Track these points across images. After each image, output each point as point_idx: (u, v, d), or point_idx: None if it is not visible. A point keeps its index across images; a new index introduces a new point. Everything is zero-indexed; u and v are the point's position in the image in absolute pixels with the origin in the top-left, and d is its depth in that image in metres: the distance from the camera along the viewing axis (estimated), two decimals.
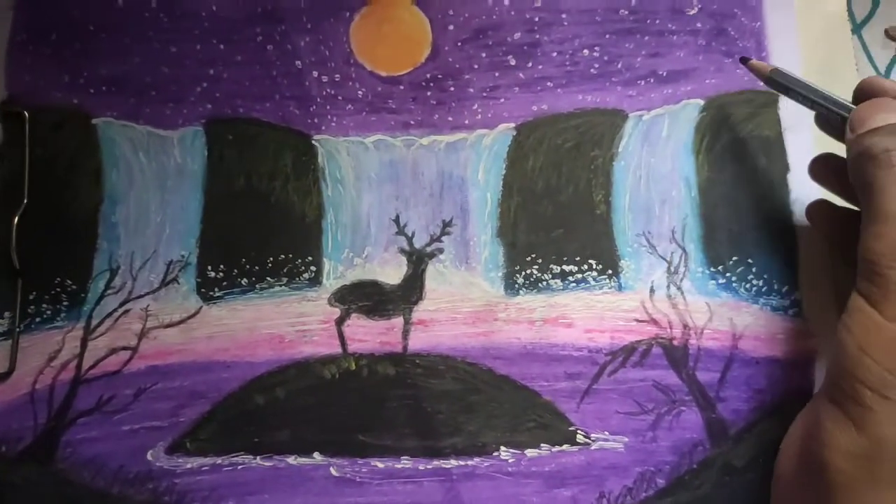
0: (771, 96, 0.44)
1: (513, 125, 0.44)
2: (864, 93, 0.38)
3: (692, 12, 0.45)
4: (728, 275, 0.43)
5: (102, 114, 0.43)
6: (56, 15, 0.44)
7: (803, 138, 0.44)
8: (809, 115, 0.43)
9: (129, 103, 0.43)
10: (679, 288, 0.42)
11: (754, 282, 0.42)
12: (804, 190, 0.43)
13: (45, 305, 0.41)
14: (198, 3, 0.44)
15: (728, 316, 0.42)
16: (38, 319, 0.41)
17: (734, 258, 0.43)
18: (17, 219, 0.42)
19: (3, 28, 0.44)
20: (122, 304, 0.41)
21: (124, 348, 0.41)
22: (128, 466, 0.40)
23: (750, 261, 0.43)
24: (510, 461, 0.41)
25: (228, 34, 0.44)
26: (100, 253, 0.42)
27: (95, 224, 0.42)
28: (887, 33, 0.46)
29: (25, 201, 0.42)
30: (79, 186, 0.42)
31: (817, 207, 0.41)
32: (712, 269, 0.43)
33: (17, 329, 0.41)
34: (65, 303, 0.41)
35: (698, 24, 0.45)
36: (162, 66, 0.44)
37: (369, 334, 0.42)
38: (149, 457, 0.40)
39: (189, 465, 0.40)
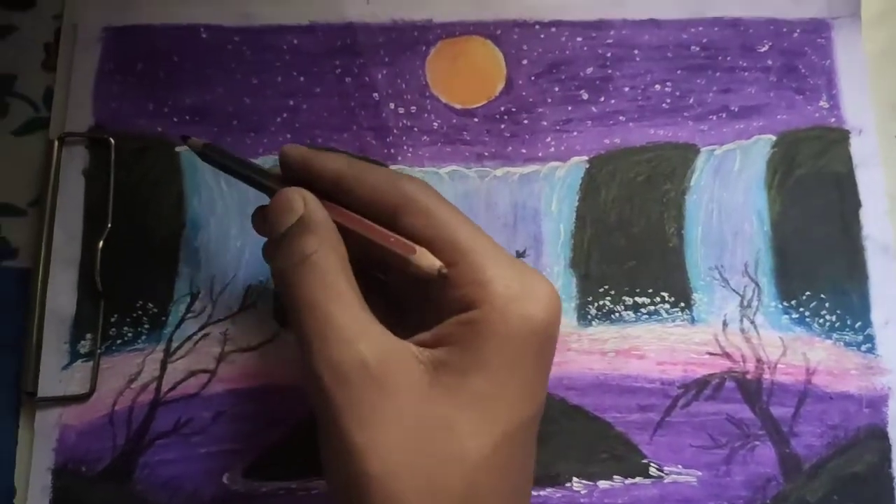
0: (842, 133, 0.45)
1: (585, 158, 0.44)
2: (284, 165, 0.35)
3: (763, 49, 0.46)
4: (801, 309, 0.43)
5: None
6: (142, 46, 0.45)
7: (874, 174, 0.44)
8: (880, 151, 0.44)
9: (211, 132, 0.44)
10: (752, 322, 0.42)
11: (827, 317, 0.42)
12: (876, 226, 0.43)
13: (126, 328, 0.42)
14: (279, 37, 0.46)
15: (801, 351, 0.42)
16: (119, 341, 0.42)
17: (807, 293, 0.43)
18: (101, 243, 0.42)
19: (92, 57, 0.45)
20: (201, 328, 0.42)
21: (203, 371, 0.42)
22: (204, 489, 0.40)
23: (823, 296, 0.43)
24: (582, 492, 0.41)
25: (308, 67, 0.45)
26: (181, 277, 0.43)
27: (177, 249, 0.43)
28: None
29: (109, 226, 0.43)
30: (161, 212, 0.43)
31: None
32: (785, 304, 0.43)
33: (99, 351, 0.41)
34: (146, 325, 0.42)
35: (769, 62, 0.46)
36: (243, 96, 0.45)
37: None
38: (225, 480, 0.41)
39: (264, 490, 0.40)
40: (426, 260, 0.31)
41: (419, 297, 0.34)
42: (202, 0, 0.46)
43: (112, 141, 0.44)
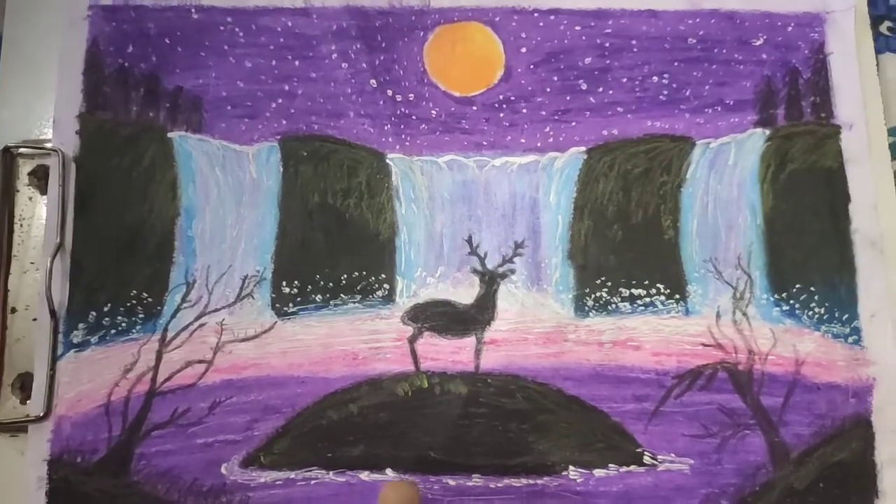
0: (833, 128, 0.45)
1: (584, 149, 0.45)
2: None
3: (757, 43, 0.46)
4: (791, 302, 0.44)
5: (178, 128, 0.43)
6: (132, 28, 0.44)
7: (863, 170, 0.45)
8: (870, 147, 0.45)
9: (204, 118, 0.43)
10: (744, 313, 0.43)
11: (816, 309, 0.43)
12: (864, 220, 0.44)
13: (120, 317, 0.41)
14: (273, 19, 0.45)
15: (791, 342, 0.43)
16: (113, 331, 0.41)
17: (797, 286, 0.44)
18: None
19: (80, 39, 0.43)
20: (197, 318, 0.42)
21: (199, 361, 0.41)
22: (202, 480, 0.40)
23: (812, 288, 0.44)
24: (579, 481, 0.41)
25: (303, 51, 0.45)
26: (176, 266, 0.42)
27: (172, 237, 0.42)
28: None
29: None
30: (155, 199, 0.43)
31: None
32: (776, 296, 0.44)
33: (50, 372, 0.40)
34: (140, 315, 0.41)
35: (763, 55, 0.46)
36: (237, 80, 0.44)
37: (441, 353, 0.42)
38: (223, 470, 0.40)
39: (263, 479, 0.40)
40: None
41: None
42: None
43: (61, 153, 0.42)
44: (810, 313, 0.43)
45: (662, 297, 0.43)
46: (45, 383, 0.40)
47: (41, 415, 0.40)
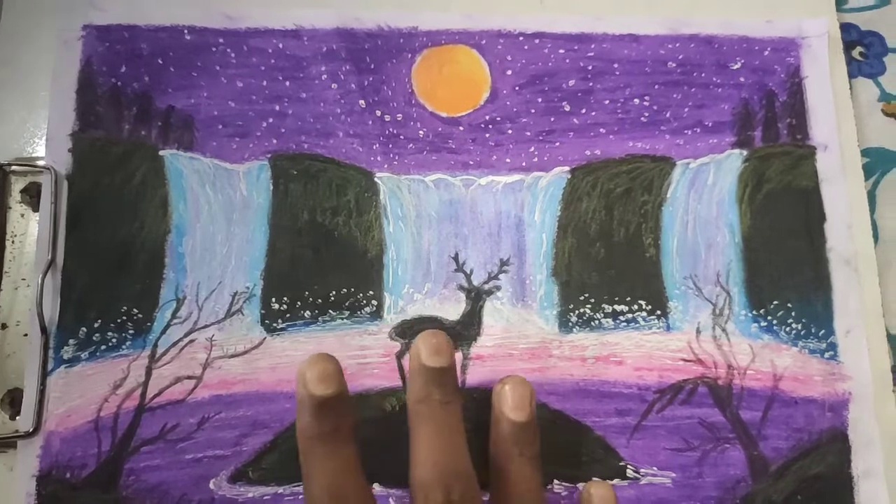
0: (808, 149, 0.47)
1: (567, 168, 0.46)
2: None
3: (735, 67, 0.48)
4: (769, 318, 0.45)
5: (170, 146, 0.44)
6: (125, 48, 0.45)
7: (838, 190, 0.46)
8: (844, 168, 0.46)
9: (196, 136, 0.44)
10: (724, 329, 0.44)
11: (793, 325, 0.45)
12: (839, 239, 0.46)
13: (110, 333, 0.42)
14: (264, 40, 0.46)
15: (769, 357, 0.44)
16: (103, 347, 0.42)
17: (775, 302, 0.45)
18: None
19: (74, 59, 0.44)
20: (187, 334, 0.42)
21: (189, 377, 0.42)
22: (190, 495, 0.41)
23: (789, 305, 0.45)
24: (563, 494, 0.42)
25: (294, 71, 0.45)
26: (166, 283, 0.43)
27: (162, 254, 0.43)
28: (884, 111, 0.49)
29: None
30: (146, 216, 0.43)
31: None
32: (755, 313, 0.45)
33: (40, 387, 0.41)
34: (130, 331, 0.42)
35: (741, 79, 0.48)
36: (229, 100, 0.45)
37: None
38: (211, 486, 0.41)
39: (251, 494, 0.41)
40: None
41: None
42: (184, 0, 0.46)
43: (54, 171, 0.43)
44: (788, 329, 0.45)
45: (644, 314, 0.44)
46: (35, 399, 0.41)
47: (31, 430, 0.40)
